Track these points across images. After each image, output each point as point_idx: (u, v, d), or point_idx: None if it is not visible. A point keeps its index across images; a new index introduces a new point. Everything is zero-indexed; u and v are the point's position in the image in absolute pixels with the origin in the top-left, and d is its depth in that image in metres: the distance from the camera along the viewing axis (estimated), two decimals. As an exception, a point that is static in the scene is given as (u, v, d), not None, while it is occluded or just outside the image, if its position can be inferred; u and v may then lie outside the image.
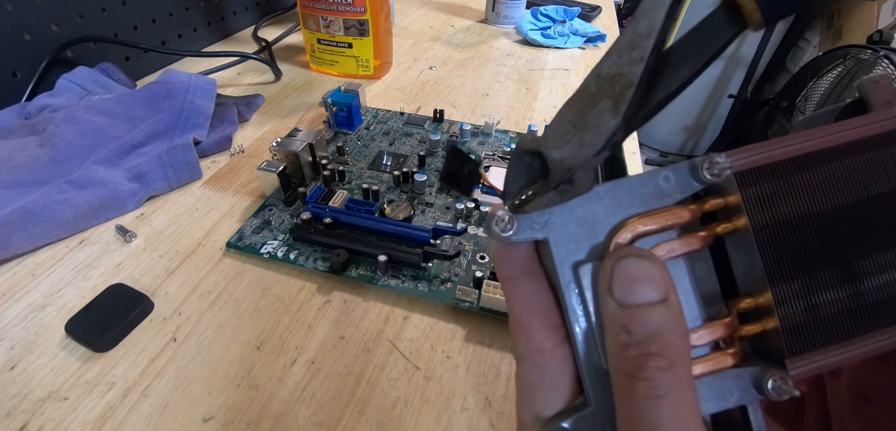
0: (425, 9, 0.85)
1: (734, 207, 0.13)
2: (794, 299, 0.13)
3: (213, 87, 0.44)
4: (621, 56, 0.13)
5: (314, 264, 0.30)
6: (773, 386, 0.12)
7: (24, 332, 0.26)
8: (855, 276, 0.13)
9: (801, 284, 0.13)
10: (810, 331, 0.13)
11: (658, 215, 0.13)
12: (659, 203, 0.13)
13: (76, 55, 0.48)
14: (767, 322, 0.13)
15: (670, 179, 0.14)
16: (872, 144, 0.13)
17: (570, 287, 0.13)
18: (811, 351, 0.12)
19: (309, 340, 0.26)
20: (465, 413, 0.23)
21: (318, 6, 0.52)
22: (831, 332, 0.13)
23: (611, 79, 0.13)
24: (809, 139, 0.13)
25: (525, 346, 0.14)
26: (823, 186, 0.13)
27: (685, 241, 0.13)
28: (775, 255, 0.13)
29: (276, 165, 0.35)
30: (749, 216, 0.13)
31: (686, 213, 0.13)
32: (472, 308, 0.27)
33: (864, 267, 0.13)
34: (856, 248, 0.13)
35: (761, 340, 0.13)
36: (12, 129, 0.39)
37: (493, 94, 0.55)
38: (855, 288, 0.13)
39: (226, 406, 0.23)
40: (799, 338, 0.12)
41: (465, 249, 0.31)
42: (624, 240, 0.13)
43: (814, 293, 0.13)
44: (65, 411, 0.23)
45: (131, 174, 0.36)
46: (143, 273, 0.30)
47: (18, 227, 0.30)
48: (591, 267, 0.13)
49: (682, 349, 0.12)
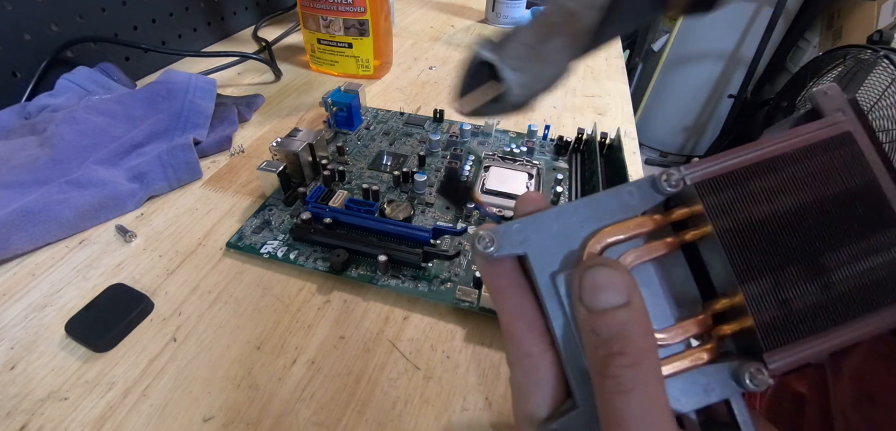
0: (425, 9, 0.85)
1: (699, 215, 0.14)
2: (764, 295, 0.13)
3: (213, 87, 0.44)
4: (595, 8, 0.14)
5: (314, 265, 0.30)
6: (750, 377, 0.13)
7: (24, 332, 0.26)
8: (821, 270, 0.13)
9: (770, 281, 0.13)
10: (784, 325, 0.13)
11: (624, 226, 0.14)
12: (626, 215, 0.15)
13: (76, 55, 0.48)
14: (744, 321, 0.13)
15: (634, 193, 0.15)
16: (825, 147, 0.14)
17: (550, 296, 0.14)
18: (787, 344, 0.13)
19: (309, 340, 0.26)
20: (465, 413, 0.23)
21: (318, 6, 0.52)
22: (804, 325, 0.13)
23: (570, 15, 0.14)
24: (763, 147, 0.14)
25: (515, 353, 0.15)
26: (781, 189, 0.14)
27: (650, 247, 0.15)
28: (742, 256, 0.14)
29: (276, 165, 0.35)
30: (712, 222, 0.14)
31: (650, 222, 0.15)
32: (472, 308, 0.27)
33: (829, 262, 0.13)
34: (818, 244, 0.13)
35: (741, 338, 0.14)
36: (12, 129, 0.39)
37: (493, 94, 0.55)
38: (822, 282, 0.13)
39: (226, 406, 0.23)
40: (773, 332, 0.13)
41: (465, 249, 0.31)
42: (595, 250, 0.14)
43: (783, 288, 0.13)
44: (65, 411, 0.23)
45: (131, 174, 0.36)
46: (143, 273, 0.30)
47: (18, 227, 0.30)
48: (566, 276, 0.14)
49: (645, 347, 0.12)
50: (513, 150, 0.41)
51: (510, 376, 0.15)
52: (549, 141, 0.43)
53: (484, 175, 0.38)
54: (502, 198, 0.36)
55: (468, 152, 0.41)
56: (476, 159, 0.40)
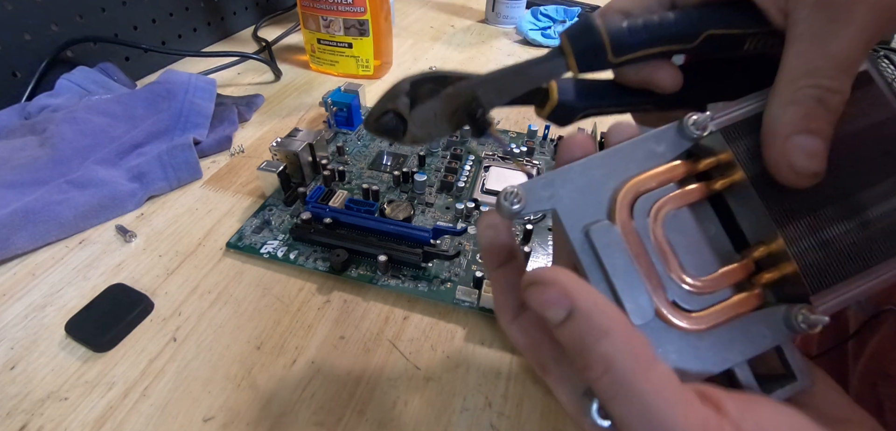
0: (425, 9, 0.85)
1: (727, 163, 0.14)
2: (804, 237, 0.13)
3: (213, 87, 0.44)
4: (490, 93, 0.16)
5: (314, 265, 0.30)
6: (804, 318, 0.13)
7: (24, 332, 0.26)
8: (858, 209, 0.13)
9: (808, 222, 0.13)
10: (827, 266, 0.13)
11: (654, 174, 0.14)
12: (653, 164, 0.15)
13: (76, 55, 0.48)
14: (784, 267, 0.13)
15: (661, 139, 0.15)
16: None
17: (584, 251, 0.14)
18: (832, 285, 0.13)
19: (309, 340, 0.26)
20: (465, 413, 0.23)
21: (318, 6, 0.52)
22: (848, 265, 0.13)
23: (474, 101, 0.16)
24: None
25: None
26: None
27: (686, 193, 0.14)
28: (776, 200, 0.13)
29: (276, 165, 0.35)
30: (743, 168, 0.14)
31: (681, 168, 0.15)
32: (472, 308, 0.27)
33: (865, 199, 0.13)
34: (852, 183, 0.13)
35: (782, 285, 0.14)
36: (12, 129, 0.39)
37: (493, 94, 0.55)
38: (861, 220, 0.13)
39: (226, 406, 0.23)
40: (818, 274, 0.13)
41: (465, 249, 0.31)
42: (627, 200, 0.14)
43: (822, 228, 0.13)
44: (65, 411, 0.23)
45: (131, 174, 0.36)
46: (143, 273, 0.30)
47: (18, 227, 0.30)
48: (600, 227, 0.14)
49: (608, 350, 0.11)
50: (512, 150, 0.41)
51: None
52: (549, 141, 0.43)
53: (484, 175, 0.38)
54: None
55: (468, 152, 0.41)
56: (476, 159, 0.40)
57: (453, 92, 0.16)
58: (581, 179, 0.15)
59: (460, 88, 0.16)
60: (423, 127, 0.16)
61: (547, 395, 0.24)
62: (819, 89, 0.13)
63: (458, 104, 0.16)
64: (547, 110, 0.18)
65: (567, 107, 0.17)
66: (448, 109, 0.16)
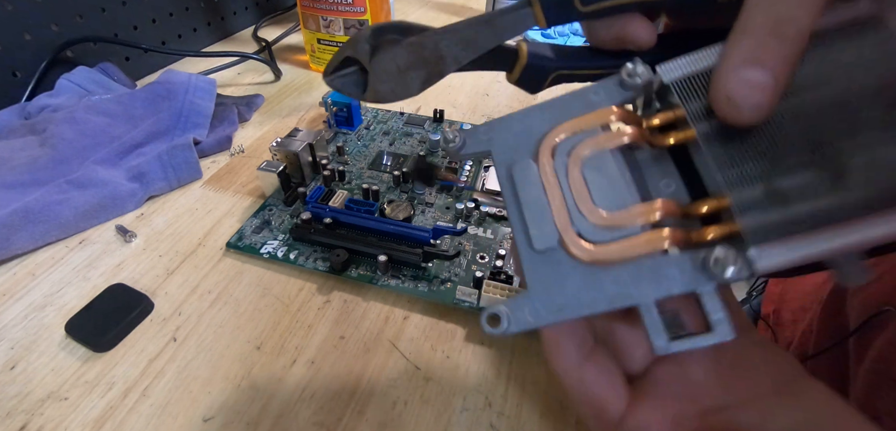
0: (425, 9, 0.85)
1: (682, 119, 0.14)
2: (751, 190, 0.12)
3: (213, 87, 0.44)
4: (456, 45, 0.16)
5: (314, 265, 0.30)
6: (718, 264, 0.12)
7: (24, 332, 0.26)
8: (832, 159, 0.12)
9: (759, 175, 0.12)
10: (771, 221, 0.12)
11: (582, 120, 0.15)
12: (580, 113, 0.15)
13: (76, 55, 0.48)
14: (732, 224, 0.12)
15: (599, 91, 0.15)
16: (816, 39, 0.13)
17: (505, 184, 0.15)
18: (774, 240, 0.12)
19: (309, 340, 0.26)
20: (465, 413, 0.23)
21: (318, 6, 0.52)
22: (793, 222, 0.12)
23: (438, 57, 0.16)
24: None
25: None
26: None
27: (608, 137, 0.15)
28: (725, 147, 0.13)
29: (276, 165, 0.35)
30: (690, 119, 0.14)
31: (611, 114, 0.15)
32: (472, 308, 0.27)
33: (844, 148, 0.12)
34: (827, 129, 0.12)
35: (730, 242, 0.13)
36: (12, 129, 0.39)
37: (493, 94, 0.55)
38: (833, 172, 0.12)
39: (226, 406, 0.23)
40: (763, 229, 0.12)
41: (465, 249, 0.31)
42: (550, 142, 0.15)
43: (773, 179, 0.12)
44: (65, 411, 0.23)
45: (131, 174, 0.36)
46: (143, 273, 0.30)
47: (18, 227, 0.30)
48: (521, 165, 0.15)
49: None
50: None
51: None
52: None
53: (484, 175, 0.38)
54: (502, 198, 0.36)
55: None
56: (476, 159, 0.40)
57: (417, 41, 0.16)
58: (518, 125, 0.16)
59: (424, 37, 0.16)
60: (385, 80, 0.16)
61: (547, 395, 0.24)
62: (774, 19, 0.12)
63: (423, 55, 0.16)
64: (516, 72, 0.17)
65: (537, 68, 0.17)
66: (412, 59, 0.16)
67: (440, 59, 0.16)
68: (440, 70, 0.16)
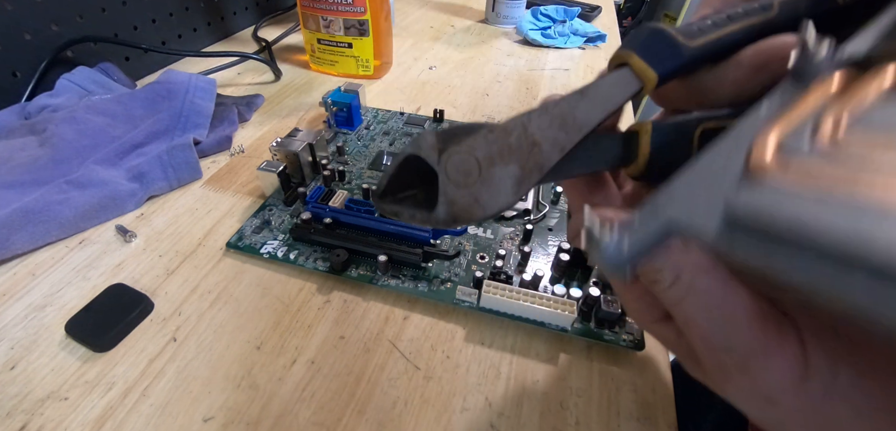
0: (425, 9, 0.85)
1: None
2: None
3: (213, 87, 0.44)
4: (551, 126, 0.12)
5: (314, 265, 0.30)
6: None
7: (24, 332, 0.26)
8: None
9: None
10: None
11: (802, 103, 0.10)
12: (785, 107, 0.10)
13: (76, 55, 0.48)
14: None
15: (774, 102, 0.11)
16: None
17: (733, 243, 0.10)
18: None
19: (309, 340, 0.26)
20: (465, 413, 0.23)
21: (318, 6, 0.52)
22: None
23: (531, 145, 0.12)
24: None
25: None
26: None
27: (871, 80, 0.10)
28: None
29: (276, 165, 0.35)
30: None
31: (836, 81, 0.10)
32: (472, 308, 0.27)
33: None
34: None
35: None
36: (12, 129, 0.39)
37: (493, 94, 0.55)
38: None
39: (226, 406, 0.23)
40: None
41: (465, 249, 0.31)
42: (770, 140, 0.10)
43: None
44: (65, 411, 0.23)
45: (131, 174, 0.36)
46: (143, 273, 0.30)
47: (18, 227, 0.30)
48: (750, 191, 0.10)
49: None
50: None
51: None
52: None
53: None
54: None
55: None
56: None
57: (498, 127, 0.12)
58: (688, 184, 0.11)
59: (506, 122, 0.12)
60: (462, 184, 0.12)
61: (547, 395, 0.24)
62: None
63: (509, 143, 0.12)
64: (643, 152, 0.13)
65: (670, 134, 0.13)
66: (495, 150, 0.12)
67: (534, 145, 0.12)
68: (539, 162, 0.12)
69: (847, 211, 0.08)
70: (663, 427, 0.23)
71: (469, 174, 0.12)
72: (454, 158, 0.12)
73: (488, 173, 0.12)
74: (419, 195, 0.12)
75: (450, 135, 0.12)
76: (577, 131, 0.12)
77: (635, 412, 0.24)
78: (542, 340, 0.27)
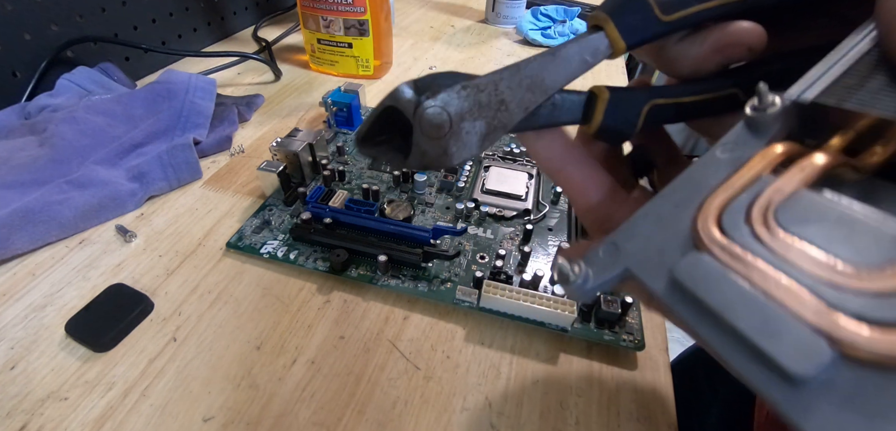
0: (425, 9, 0.85)
1: (865, 127, 0.11)
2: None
3: (213, 87, 0.44)
4: (520, 87, 0.13)
5: (314, 265, 0.30)
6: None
7: (24, 332, 0.26)
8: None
9: None
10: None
11: (739, 175, 0.11)
12: (729, 173, 0.12)
13: (76, 55, 0.48)
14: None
15: (727, 148, 0.12)
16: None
17: (675, 299, 0.11)
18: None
19: (309, 340, 0.26)
20: (465, 413, 0.23)
21: (318, 6, 0.52)
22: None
23: (499, 103, 0.13)
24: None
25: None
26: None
27: (800, 170, 0.11)
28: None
29: (276, 165, 0.35)
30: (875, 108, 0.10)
31: (776, 151, 0.11)
32: (472, 308, 0.27)
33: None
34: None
35: None
36: (12, 129, 0.39)
37: (493, 94, 0.55)
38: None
39: (226, 406, 0.23)
40: None
41: (465, 249, 0.31)
42: (710, 215, 0.11)
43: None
44: (65, 411, 0.23)
45: (131, 174, 0.36)
46: (143, 273, 0.30)
47: (18, 227, 0.30)
48: (686, 262, 0.11)
49: None
50: (513, 149, 0.41)
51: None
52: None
53: (484, 175, 0.38)
54: (502, 198, 0.36)
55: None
56: (476, 159, 0.40)
57: (470, 84, 0.13)
58: (646, 226, 0.12)
59: (479, 79, 0.13)
60: (433, 136, 0.13)
61: (547, 395, 0.24)
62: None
63: (479, 100, 0.13)
64: (598, 116, 0.14)
65: (625, 104, 0.14)
66: (467, 107, 0.13)
67: (502, 104, 0.13)
68: (504, 121, 0.13)
69: (757, 313, 0.09)
70: (663, 427, 0.23)
71: (440, 128, 0.13)
72: (428, 112, 0.13)
73: (458, 128, 0.13)
74: (396, 141, 0.14)
75: (427, 83, 0.13)
76: (542, 94, 0.14)
77: (635, 412, 0.24)
78: (542, 340, 0.27)
